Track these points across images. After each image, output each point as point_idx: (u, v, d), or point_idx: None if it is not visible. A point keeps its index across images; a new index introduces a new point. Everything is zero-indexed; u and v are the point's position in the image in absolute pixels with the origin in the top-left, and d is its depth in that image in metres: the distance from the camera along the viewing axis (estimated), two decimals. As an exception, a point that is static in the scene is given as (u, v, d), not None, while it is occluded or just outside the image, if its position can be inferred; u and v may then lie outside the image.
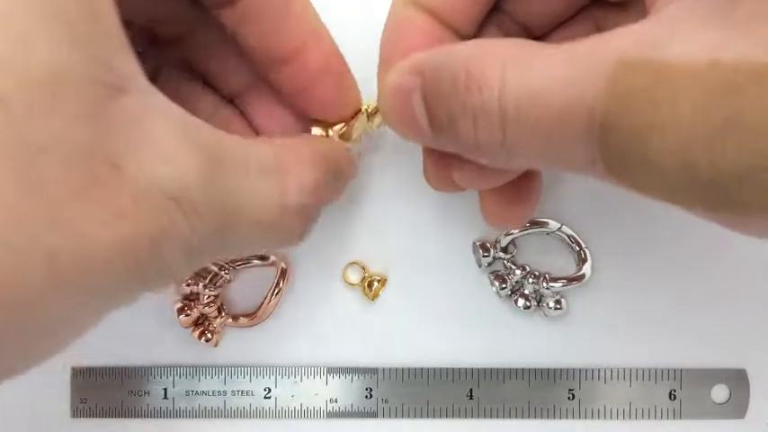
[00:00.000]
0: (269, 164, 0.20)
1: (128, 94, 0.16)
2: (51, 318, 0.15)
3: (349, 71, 0.24)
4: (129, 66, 0.16)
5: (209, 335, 0.29)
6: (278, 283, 0.30)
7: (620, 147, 0.16)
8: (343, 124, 0.25)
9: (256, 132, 0.26)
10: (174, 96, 0.18)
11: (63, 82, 0.14)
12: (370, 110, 0.25)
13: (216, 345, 0.30)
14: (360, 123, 0.25)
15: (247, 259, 0.30)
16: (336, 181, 0.23)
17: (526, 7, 0.24)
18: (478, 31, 0.24)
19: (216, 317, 0.30)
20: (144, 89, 0.17)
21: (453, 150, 0.21)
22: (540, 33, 0.24)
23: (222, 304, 0.30)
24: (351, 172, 0.25)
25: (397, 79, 0.21)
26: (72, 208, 0.14)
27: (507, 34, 0.24)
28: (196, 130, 0.18)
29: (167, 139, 0.16)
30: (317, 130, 0.25)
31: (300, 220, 0.21)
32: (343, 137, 0.25)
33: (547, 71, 0.17)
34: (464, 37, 0.23)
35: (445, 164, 0.24)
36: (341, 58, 0.24)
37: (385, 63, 0.23)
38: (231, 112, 0.26)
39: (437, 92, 0.19)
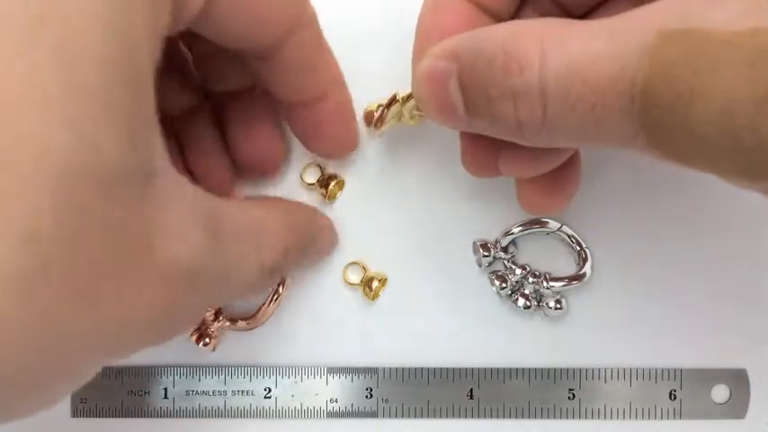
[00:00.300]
0: (251, 230, 0.22)
1: (156, 177, 0.17)
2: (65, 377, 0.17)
3: (356, 117, 0.27)
4: (158, 148, 0.17)
5: (206, 339, 0.29)
6: (277, 290, 0.30)
7: (662, 117, 0.16)
8: (378, 107, 0.26)
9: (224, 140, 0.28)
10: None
11: (100, 175, 0.15)
12: (401, 97, 0.25)
13: (213, 349, 0.30)
14: (394, 110, 0.25)
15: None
16: (307, 246, 0.26)
17: None
18: (515, 14, 0.24)
19: (213, 321, 0.29)
20: (166, 170, 0.17)
21: (490, 134, 0.21)
22: (579, 14, 0.24)
23: (220, 308, 0.30)
24: (326, 239, 0.28)
25: (432, 64, 0.20)
26: (111, 292, 0.15)
27: (545, 15, 0.24)
28: (200, 201, 0.19)
29: (183, 218, 0.17)
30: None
31: (273, 278, 0.23)
32: (377, 125, 0.25)
33: (586, 46, 0.17)
34: (501, 20, 0.23)
35: (489, 150, 0.24)
36: (352, 104, 0.27)
37: (420, 48, 0.23)
38: (205, 119, 0.27)
39: (474, 75, 0.19)
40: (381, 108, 0.25)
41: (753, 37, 0.15)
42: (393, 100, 0.25)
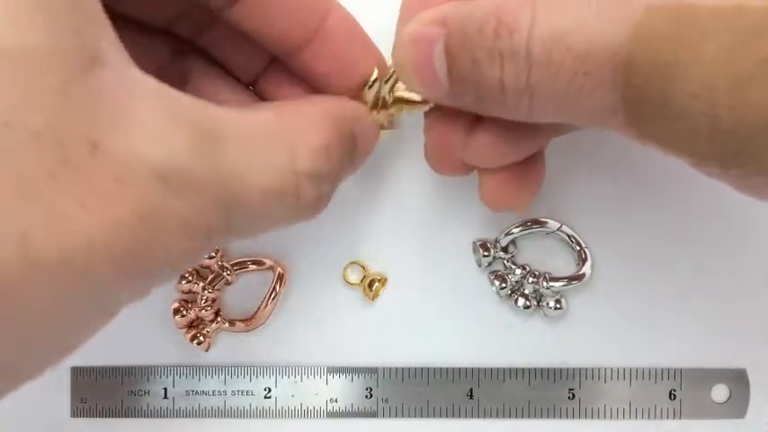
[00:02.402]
0: (274, 130, 0.19)
1: (105, 68, 0.15)
2: (41, 309, 0.14)
3: (364, 31, 0.24)
4: (105, 37, 0.16)
5: (201, 338, 0.29)
6: (275, 288, 0.30)
7: (642, 87, 0.16)
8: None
9: None
10: (196, 88, 0.17)
11: (27, 55, 0.14)
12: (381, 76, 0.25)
13: (207, 349, 0.29)
14: (374, 89, 0.24)
15: (244, 263, 0.30)
16: (351, 146, 0.22)
17: None
18: None
19: (212, 321, 0.29)
20: (122, 63, 0.16)
21: (469, 104, 0.21)
22: None
23: (219, 309, 0.30)
24: (369, 137, 0.24)
25: (418, 28, 0.20)
26: (43, 187, 0.13)
27: None
28: (182, 104, 0.17)
29: (151, 115, 0.15)
30: None
31: (314, 189, 0.20)
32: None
33: (576, 14, 0.17)
34: None
35: (454, 142, 0.24)
36: (355, 20, 0.24)
37: (406, 15, 0.23)
38: (250, 98, 0.25)
39: (463, 39, 0.19)
40: (364, 90, 0.25)
41: (738, 12, 0.15)
42: (371, 80, 0.24)
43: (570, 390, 0.30)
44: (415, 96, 0.24)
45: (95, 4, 0.16)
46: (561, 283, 0.29)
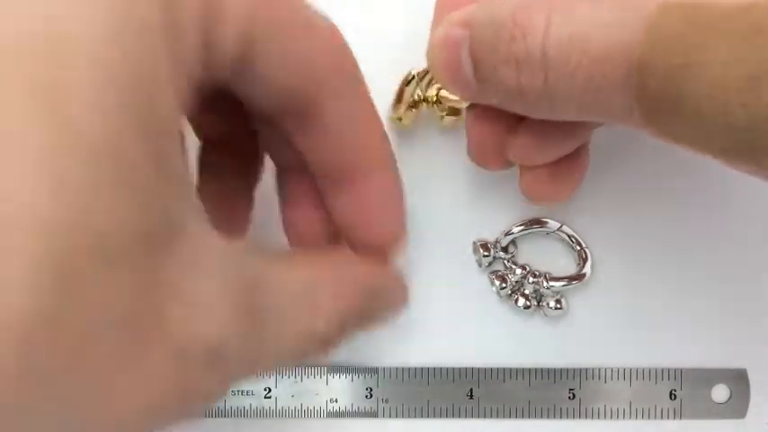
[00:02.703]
0: (298, 292, 0.18)
1: (185, 239, 0.14)
2: None
3: (403, 202, 0.22)
4: (190, 207, 0.15)
5: None
6: None
7: (656, 89, 0.16)
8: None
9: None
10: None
11: (108, 241, 0.12)
12: (417, 73, 0.25)
13: None
14: (411, 88, 0.25)
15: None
16: (371, 312, 0.21)
17: None
18: None
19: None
20: (202, 232, 0.15)
21: (497, 103, 0.21)
22: None
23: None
24: (395, 298, 0.23)
25: (446, 31, 0.21)
26: (111, 376, 0.13)
27: None
28: (234, 266, 0.16)
29: (208, 286, 0.15)
30: None
31: (322, 348, 0.19)
32: (396, 106, 0.25)
33: (590, 16, 0.17)
34: None
35: (496, 137, 0.24)
36: (401, 187, 0.22)
37: (439, 16, 0.23)
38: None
39: (483, 42, 0.20)
40: (400, 86, 0.25)
41: (749, 11, 0.15)
42: (409, 78, 0.25)
43: (570, 390, 0.30)
44: (453, 96, 0.24)
45: (183, 169, 0.15)
46: (561, 283, 0.29)
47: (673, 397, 0.30)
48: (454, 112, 0.26)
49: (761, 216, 0.30)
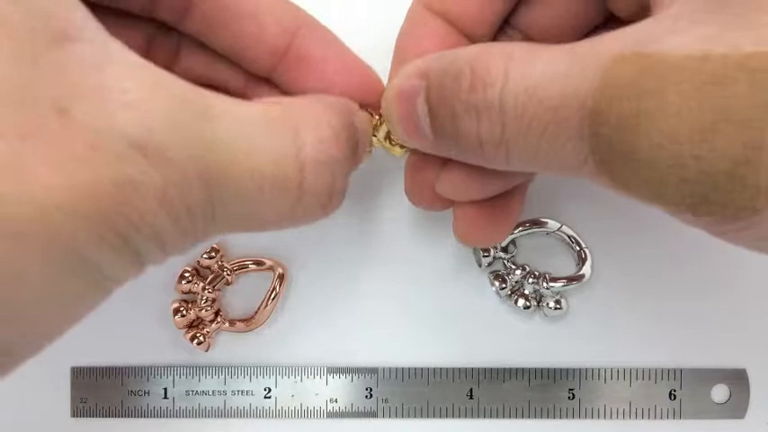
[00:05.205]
0: (276, 117, 0.18)
1: (77, 42, 0.15)
2: (18, 270, 0.14)
3: (342, 45, 0.23)
4: (76, 16, 0.16)
5: (200, 338, 0.29)
6: (275, 288, 0.30)
7: (609, 137, 0.16)
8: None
9: None
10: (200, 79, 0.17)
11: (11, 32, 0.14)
12: (374, 123, 0.25)
13: (207, 349, 0.29)
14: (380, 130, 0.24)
15: (244, 263, 0.30)
16: (355, 136, 0.21)
17: (540, 24, 0.23)
18: (494, 38, 0.24)
19: (212, 321, 0.29)
20: (100, 40, 0.16)
21: (454, 155, 0.21)
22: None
23: (219, 309, 0.30)
24: (365, 131, 0.23)
25: (402, 83, 0.20)
26: (12, 148, 0.13)
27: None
28: (167, 78, 0.16)
29: (130, 87, 0.15)
30: None
31: (322, 179, 0.19)
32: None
33: (547, 67, 0.17)
34: (478, 42, 0.23)
35: (427, 174, 0.24)
36: (332, 35, 0.23)
37: (397, 66, 0.23)
38: (267, 91, 0.24)
39: (441, 92, 0.19)
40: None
41: (702, 61, 0.15)
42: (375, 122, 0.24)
43: (570, 390, 0.30)
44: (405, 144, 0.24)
45: None
46: (561, 283, 0.29)
47: (672, 397, 0.30)
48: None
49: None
